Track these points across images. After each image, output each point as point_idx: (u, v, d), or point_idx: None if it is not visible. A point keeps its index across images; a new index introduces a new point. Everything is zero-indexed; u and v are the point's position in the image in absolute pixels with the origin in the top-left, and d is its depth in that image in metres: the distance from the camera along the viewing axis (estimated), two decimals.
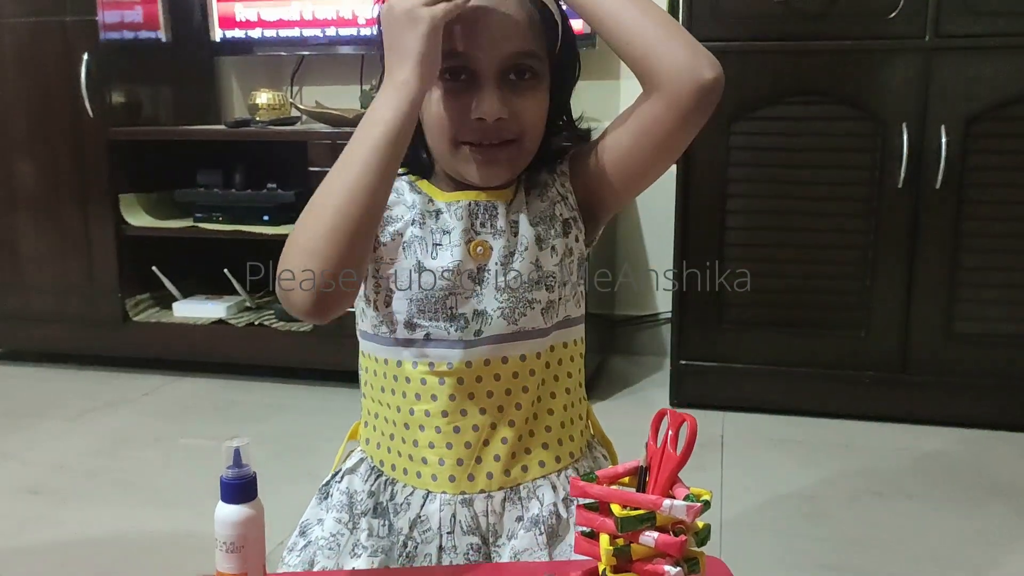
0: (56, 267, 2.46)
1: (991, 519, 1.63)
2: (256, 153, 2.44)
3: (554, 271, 0.91)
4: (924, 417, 2.06)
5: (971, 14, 1.88)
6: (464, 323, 0.89)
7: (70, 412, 2.17)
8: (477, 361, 0.89)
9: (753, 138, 2.04)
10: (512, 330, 0.89)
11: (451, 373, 0.89)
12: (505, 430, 0.90)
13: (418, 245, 0.90)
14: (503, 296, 0.89)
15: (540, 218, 0.92)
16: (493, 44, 0.84)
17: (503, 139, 0.87)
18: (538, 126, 0.90)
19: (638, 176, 0.92)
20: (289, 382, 2.38)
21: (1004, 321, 1.99)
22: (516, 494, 0.91)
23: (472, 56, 0.84)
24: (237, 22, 2.58)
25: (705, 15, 1.99)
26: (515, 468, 0.91)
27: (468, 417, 0.90)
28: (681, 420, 0.72)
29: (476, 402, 0.89)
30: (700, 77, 0.84)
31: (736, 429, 2.05)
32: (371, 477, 0.95)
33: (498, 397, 0.90)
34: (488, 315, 0.89)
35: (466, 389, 0.89)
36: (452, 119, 0.86)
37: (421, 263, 0.89)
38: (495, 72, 0.85)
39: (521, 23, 0.85)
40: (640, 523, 0.68)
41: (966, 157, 1.94)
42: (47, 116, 2.38)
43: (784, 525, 1.60)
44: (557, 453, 0.93)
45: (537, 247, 0.90)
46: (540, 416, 0.92)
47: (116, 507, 1.67)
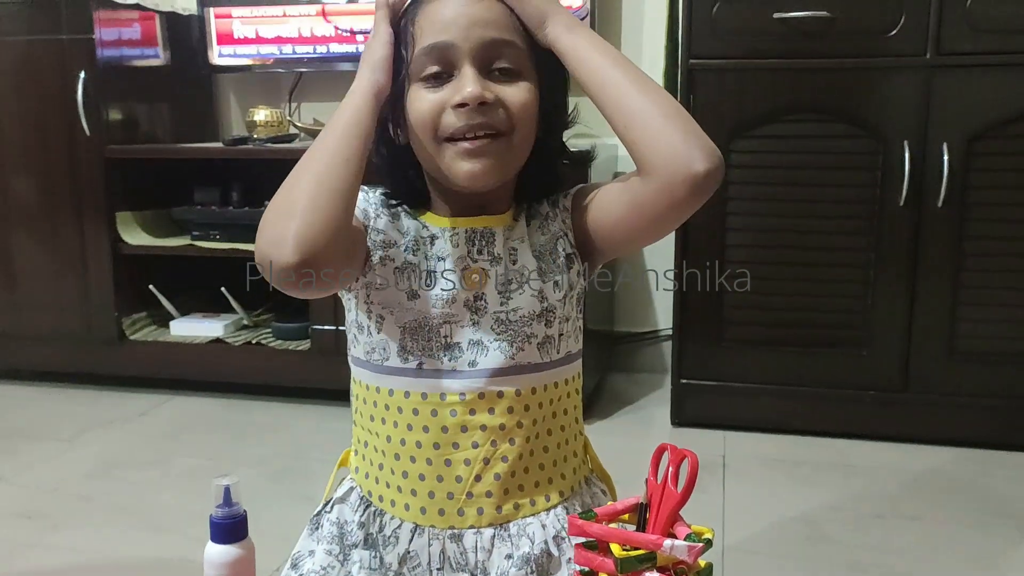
0: (52, 285, 2.44)
1: (996, 541, 1.61)
2: (254, 171, 2.43)
3: (556, 306, 0.90)
4: (927, 437, 2.04)
5: (972, 32, 1.87)
6: (459, 352, 0.87)
7: (65, 432, 2.15)
8: (472, 393, 0.87)
9: (753, 156, 2.02)
10: (509, 364, 0.88)
11: (444, 404, 0.87)
12: (498, 465, 0.88)
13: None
14: (500, 328, 0.88)
15: (542, 251, 0.90)
16: (472, 29, 0.84)
17: (488, 131, 0.84)
18: (527, 121, 0.87)
19: (629, 242, 0.93)
20: (287, 401, 2.36)
21: (1007, 339, 1.97)
22: (506, 531, 0.88)
23: (451, 44, 0.84)
24: (235, 39, 2.58)
25: (704, 32, 1.98)
26: (507, 505, 0.88)
27: (460, 450, 0.88)
28: (682, 456, 0.70)
29: (469, 435, 0.87)
30: (693, 170, 0.81)
31: (737, 449, 2.03)
32: (360, 507, 0.93)
33: (492, 431, 0.88)
34: (485, 346, 0.87)
35: (459, 421, 0.87)
36: (434, 113, 0.85)
37: (414, 290, 0.88)
38: (473, 58, 0.84)
39: (497, 15, 0.86)
40: (640, 564, 0.67)
41: (968, 175, 1.93)
42: (43, 134, 2.36)
43: (786, 549, 1.58)
44: (549, 492, 0.91)
45: (540, 279, 0.89)
46: (536, 452, 0.90)
47: (109, 532, 1.65)
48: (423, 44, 0.85)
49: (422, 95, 0.86)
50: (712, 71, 2.00)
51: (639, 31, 2.48)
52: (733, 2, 1.96)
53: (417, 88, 0.86)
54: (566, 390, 0.94)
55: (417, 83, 0.86)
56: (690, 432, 2.12)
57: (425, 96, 0.85)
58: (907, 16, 1.89)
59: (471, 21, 0.84)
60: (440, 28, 0.84)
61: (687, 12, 1.98)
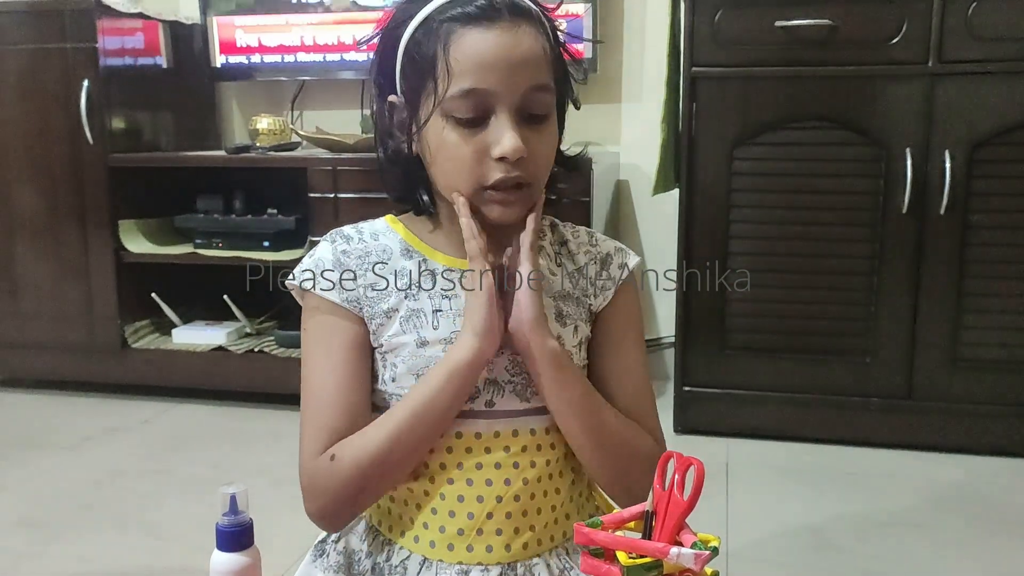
0: (55, 293, 2.44)
1: (1000, 548, 1.60)
2: (256, 178, 2.44)
3: (572, 352, 0.89)
4: (930, 444, 2.03)
5: (974, 40, 1.87)
6: (476, 393, 0.86)
7: (68, 441, 2.15)
8: (487, 432, 0.87)
9: (756, 164, 2.03)
10: (524, 406, 0.87)
11: (460, 442, 0.87)
12: (511, 504, 0.87)
13: (416, 319, 0.87)
14: (515, 369, 0.87)
15: (565, 296, 0.90)
16: (512, 78, 0.80)
17: (519, 183, 0.83)
18: (548, 167, 0.87)
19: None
20: (289, 409, 2.36)
21: (1010, 347, 1.97)
22: (513, 571, 0.87)
23: (491, 92, 0.80)
24: (238, 48, 2.59)
25: (707, 41, 1.99)
26: (516, 544, 0.87)
27: (473, 487, 0.86)
28: (688, 464, 0.70)
29: (483, 473, 0.86)
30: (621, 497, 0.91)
31: (741, 457, 2.02)
32: (368, 537, 0.92)
33: (506, 470, 0.87)
34: (500, 386, 0.86)
35: (474, 459, 0.86)
36: (475, 163, 0.82)
37: (422, 336, 0.87)
38: (513, 107, 0.81)
39: (537, 58, 0.82)
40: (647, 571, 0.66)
41: (970, 182, 1.93)
42: (47, 142, 2.37)
43: (790, 558, 1.57)
44: (555, 532, 0.90)
45: (559, 323, 0.88)
46: (548, 493, 0.89)
47: (112, 540, 1.64)
48: (461, 85, 0.80)
49: (457, 138, 0.82)
50: (714, 79, 2.00)
51: (642, 39, 2.48)
52: (735, 10, 1.97)
53: (449, 125, 0.82)
54: None
55: (449, 119, 0.82)
56: (693, 440, 2.11)
57: (461, 140, 0.81)
58: (909, 24, 1.90)
59: (512, 65, 0.80)
60: (481, 71, 0.79)
61: (689, 20, 1.99)
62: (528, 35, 0.81)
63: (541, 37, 0.83)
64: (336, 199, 2.19)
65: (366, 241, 0.91)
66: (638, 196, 2.55)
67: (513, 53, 0.80)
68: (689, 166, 2.05)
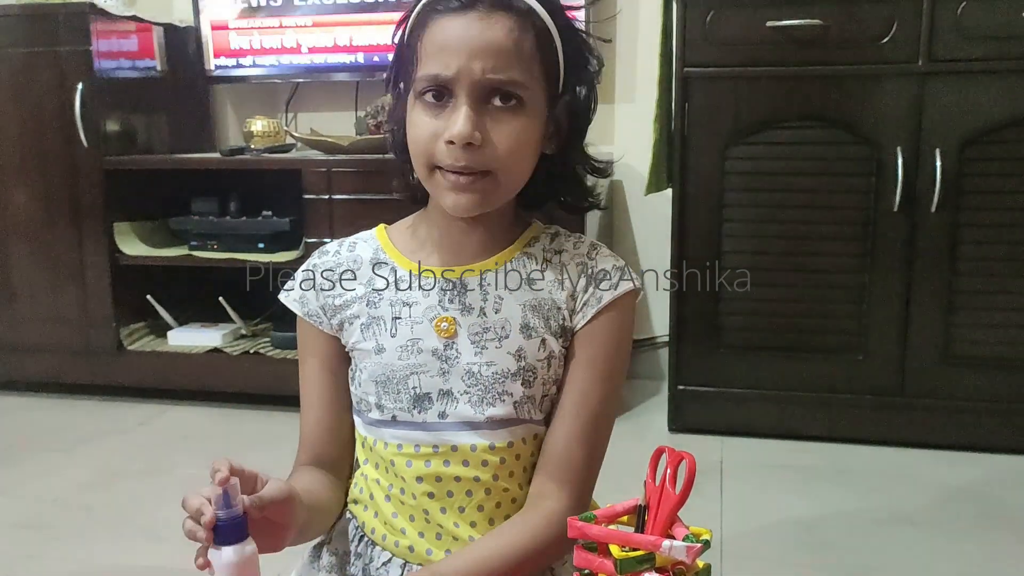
0: (50, 296, 2.44)
1: (994, 545, 1.61)
2: (251, 180, 2.44)
3: (536, 366, 0.86)
4: (922, 441, 2.05)
5: (963, 39, 1.89)
6: (428, 404, 0.86)
7: (64, 443, 2.15)
8: (444, 446, 0.86)
9: (747, 163, 2.04)
10: (480, 419, 0.85)
11: (419, 456, 0.86)
12: (474, 515, 0.87)
13: (376, 326, 0.88)
14: (471, 380, 0.85)
15: (533, 307, 0.87)
16: (470, 63, 0.79)
17: (473, 170, 0.81)
18: (518, 159, 0.83)
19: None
20: (286, 410, 2.36)
21: (1002, 343, 1.98)
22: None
23: (450, 77, 0.80)
24: (232, 50, 2.59)
25: (699, 41, 2.00)
26: None
27: (436, 500, 0.87)
28: (679, 458, 0.71)
29: (444, 485, 0.86)
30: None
31: (735, 455, 2.03)
32: (356, 538, 0.93)
33: (466, 483, 0.86)
34: (455, 398, 0.85)
35: (433, 472, 0.86)
36: (427, 140, 0.82)
37: (380, 344, 0.88)
38: (469, 93, 0.80)
39: (504, 48, 0.79)
40: (639, 564, 0.67)
41: (961, 180, 1.94)
42: (41, 146, 2.37)
43: (784, 555, 1.58)
44: None
45: (523, 335, 0.86)
46: (517, 500, 0.89)
47: (109, 542, 1.65)
48: (427, 70, 0.81)
49: (420, 118, 0.82)
50: (707, 79, 2.02)
51: (634, 39, 2.49)
52: (727, 11, 1.98)
53: (417, 107, 0.83)
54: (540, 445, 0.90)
55: (418, 100, 0.83)
56: (687, 438, 2.12)
57: (422, 120, 0.82)
58: (899, 24, 1.91)
59: (472, 51, 0.79)
60: (443, 55, 0.80)
61: (682, 20, 2.00)
62: (500, 26, 0.80)
63: (521, 32, 0.81)
64: (330, 201, 2.19)
65: (341, 254, 0.93)
66: (631, 196, 2.56)
67: (476, 40, 0.79)
68: (682, 166, 2.06)
